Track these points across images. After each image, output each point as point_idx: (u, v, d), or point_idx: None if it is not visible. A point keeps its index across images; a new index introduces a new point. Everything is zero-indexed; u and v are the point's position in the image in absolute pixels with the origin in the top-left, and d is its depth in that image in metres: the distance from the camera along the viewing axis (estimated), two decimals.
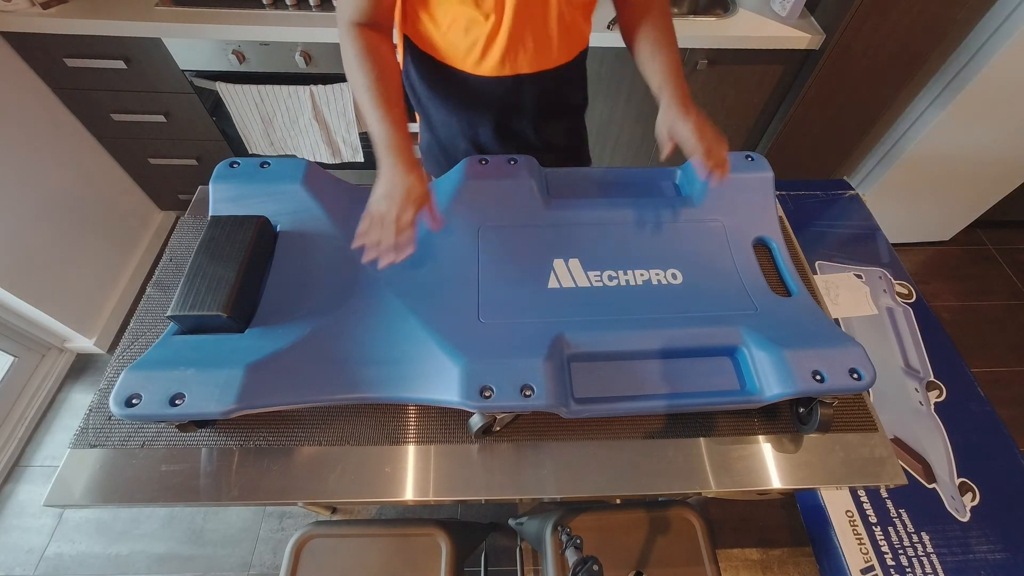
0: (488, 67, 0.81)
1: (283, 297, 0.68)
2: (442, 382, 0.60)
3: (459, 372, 0.59)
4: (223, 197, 0.74)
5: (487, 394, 0.57)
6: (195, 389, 0.56)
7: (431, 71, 0.86)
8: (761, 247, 0.80)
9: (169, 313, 0.61)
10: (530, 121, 0.92)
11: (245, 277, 0.64)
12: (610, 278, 0.72)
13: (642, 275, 0.73)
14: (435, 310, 0.67)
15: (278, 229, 0.74)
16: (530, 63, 0.81)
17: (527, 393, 0.57)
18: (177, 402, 0.55)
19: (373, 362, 0.63)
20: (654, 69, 0.78)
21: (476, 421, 0.60)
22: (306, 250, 0.73)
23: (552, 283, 0.72)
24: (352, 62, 0.71)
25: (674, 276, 0.73)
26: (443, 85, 0.87)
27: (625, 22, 0.84)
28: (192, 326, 0.63)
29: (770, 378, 0.61)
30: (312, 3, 1.35)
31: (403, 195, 0.65)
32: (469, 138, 0.93)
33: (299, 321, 0.65)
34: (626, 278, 0.73)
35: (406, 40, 0.86)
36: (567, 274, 0.73)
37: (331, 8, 1.35)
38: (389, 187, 0.66)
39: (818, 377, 0.59)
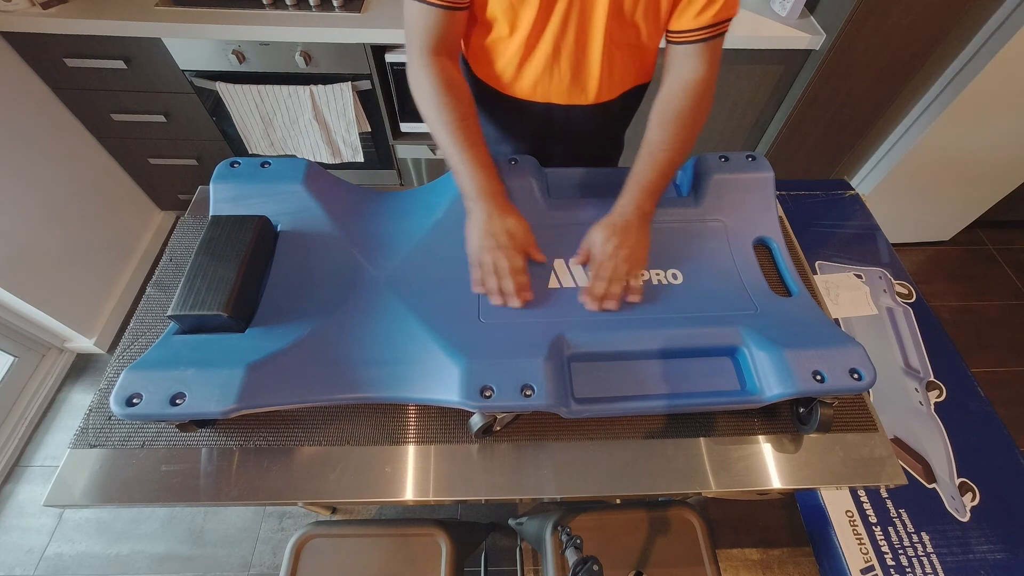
0: (520, 89, 0.81)
1: (284, 297, 0.68)
2: (442, 382, 0.60)
3: (459, 372, 0.59)
4: (224, 197, 0.74)
5: (487, 394, 0.57)
6: (195, 389, 0.56)
7: (470, 77, 0.86)
8: (761, 247, 0.80)
9: (170, 313, 0.61)
10: (557, 151, 0.91)
11: (246, 277, 0.64)
12: None
13: (642, 275, 0.73)
14: (435, 310, 0.67)
15: (279, 229, 0.74)
16: (563, 95, 0.81)
17: (527, 393, 0.57)
18: (178, 402, 0.55)
19: (373, 362, 0.63)
20: (633, 171, 0.76)
21: (476, 421, 0.61)
22: (307, 250, 0.73)
23: (552, 283, 0.72)
24: (431, 99, 0.70)
25: (674, 276, 0.73)
26: (479, 93, 0.87)
27: (655, 103, 0.78)
28: (192, 326, 0.63)
29: (770, 378, 0.61)
30: (312, 3, 1.35)
31: (508, 242, 0.67)
32: (495, 151, 0.92)
33: (299, 321, 0.66)
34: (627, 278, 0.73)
35: None
36: (568, 274, 0.73)
37: (331, 8, 1.35)
38: (493, 236, 0.68)
39: (818, 377, 0.59)
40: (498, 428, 0.64)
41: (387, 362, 0.63)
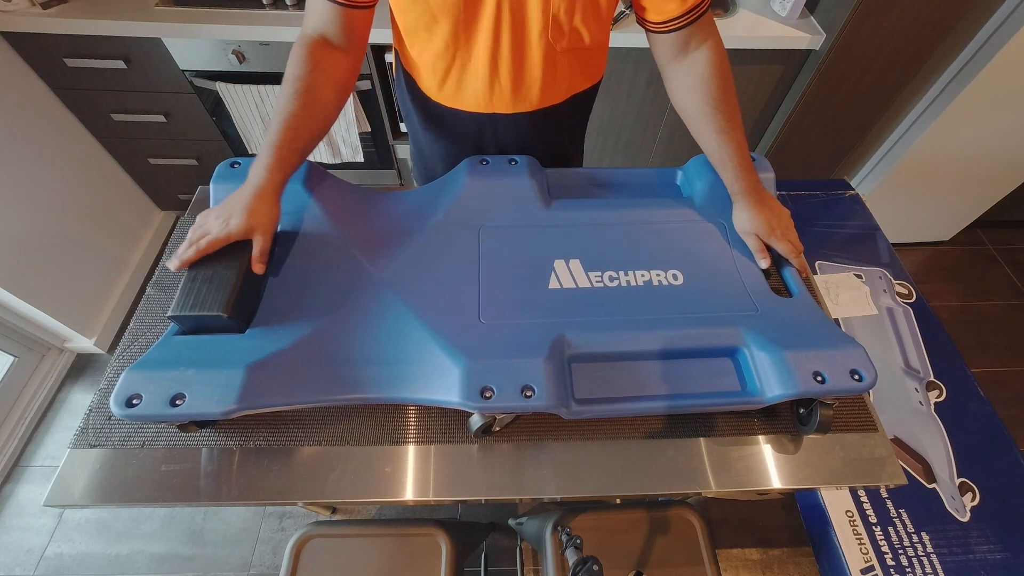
0: (462, 102, 0.80)
1: (284, 297, 0.68)
2: (443, 382, 0.60)
3: (460, 372, 0.59)
4: (224, 197, 0.74)
5: (487, 395, 0.57)
6: (196, 389, 0.56)
7: (414, 94, 0.85)
8: None
9: (170, 313, 0.61)
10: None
11: (246, 277, 0.64)
12: (611, 279, 0.73)
13: (643, 276, 0.73)
14: (436, 310, 0.67)
15: (279, 229, 0.74)
16: (506, 104, 0.79)
17: (528, 394, 0.57)
18: (178, 402, 0.55)
19: (373, 362, 0.63)
20: (723, 159, 0.75)
21: (476, 421, 0.61)
22: (307, 250, 0.73)
23: (553, 283, 0.72)
24: (286, 77, 0.67)
25: (675, 277, 0.73)
26: (424, 111, 0.86)
27: (678, 85, 0.76)
28: (193, 326, 0.63)
29: (771, 379, 0.61)
30: None
31: (225, 228, 0.63)
32: (447, 165, 0.90)
33: (299, 321, 0.66)
34: (627, 279, 0.73)
35: (397, 56, 0.85)
36: (568, 275, 0.73)
37: None
38: (230, 208, 0.64)
39: (819, 378, 0.59)
40: (497, 428, 0.64)
41: (387, 362, 0.63)
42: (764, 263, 0.75)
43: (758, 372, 0.63)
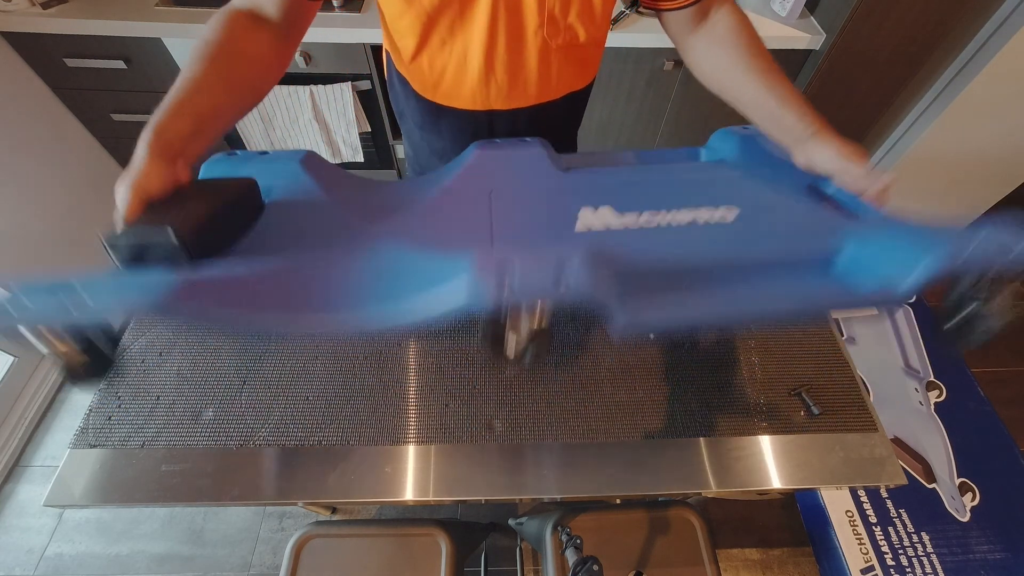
0: (458, 100, 0.80)
1: (258, 249, 0.54)
2: (450, 285, 0.46)
3: (471, 264, 0.45)
4: (214, 172, 0.62)
5: (509, 282, 0.42)
6: (96, 286, 0.42)
7: (407, 94, 0.85)
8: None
9: (105, 239, 0.44)
10: None
11: (212, 215, 0.50)
12: (648, 220, 0.58)
13: (688, 215, 0.58)
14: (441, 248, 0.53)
15: (266, 200, 0.60)
16: (503, 100, 0.79)
17: (562, 282, 0.42)
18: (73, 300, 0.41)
19: (361, 285, 0.51)
20: (781, 97, 0.65)
21: (506, 341, 0.46)
22: (293, 224, 0.59)
23: (580, 228, 0.58)
24: (196, 43, 0.56)
25: (727, 215, 0.59)
26: (418, 110, 0.86)
27: (703, 46, 0.72)
28: (133, 252, 0.46)
29: (899, 263, 0.49)
30: None
31: (133, 183, 0.47)
32: (443, 164, 0.90)
33: (273, 255, 0.52)
34: (668, 218, 0.58)
35: (389, 58, 0.84)
36: (597, 219, 0.58)
37: (331, 8, 1.35)
38: (132, 174, 0.48)
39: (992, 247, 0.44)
40: (531, 353, 0.46)
41: (379, 283, 0.51)
42: (883, 197, 0.62)
43: (883, 259, 0.51)
